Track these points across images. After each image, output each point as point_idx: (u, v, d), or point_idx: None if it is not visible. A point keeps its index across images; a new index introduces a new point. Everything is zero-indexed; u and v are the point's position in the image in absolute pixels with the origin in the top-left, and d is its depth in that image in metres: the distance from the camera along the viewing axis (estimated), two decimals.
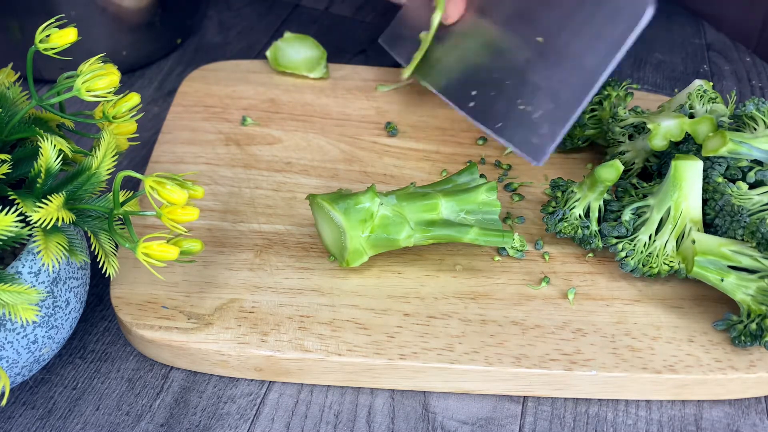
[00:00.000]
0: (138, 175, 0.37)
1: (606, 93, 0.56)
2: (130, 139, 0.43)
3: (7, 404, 0.43)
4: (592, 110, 0.56)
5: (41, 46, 0.38)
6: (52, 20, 0.38)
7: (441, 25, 0.56)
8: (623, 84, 0.56)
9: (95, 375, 0.45)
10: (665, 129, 0.50)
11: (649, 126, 0.51)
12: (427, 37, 0.56)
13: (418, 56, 0.56)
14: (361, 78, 0.63)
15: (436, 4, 0.55)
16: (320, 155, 0.56)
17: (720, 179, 0.47)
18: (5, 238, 0.35)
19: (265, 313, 0.45)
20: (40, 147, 0.37)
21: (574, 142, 0.57)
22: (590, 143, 0.58)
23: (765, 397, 0.46)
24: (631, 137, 0.54)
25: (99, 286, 0.49)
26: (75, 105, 0.61)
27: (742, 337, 0.43)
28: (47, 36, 0.38)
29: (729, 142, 0.46)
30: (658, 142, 0.50)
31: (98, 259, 0.39)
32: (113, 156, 0.39)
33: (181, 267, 0.48)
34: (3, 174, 0.36)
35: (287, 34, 0.64)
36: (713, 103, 0.53)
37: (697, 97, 0.52)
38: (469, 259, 0.49)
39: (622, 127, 0.54)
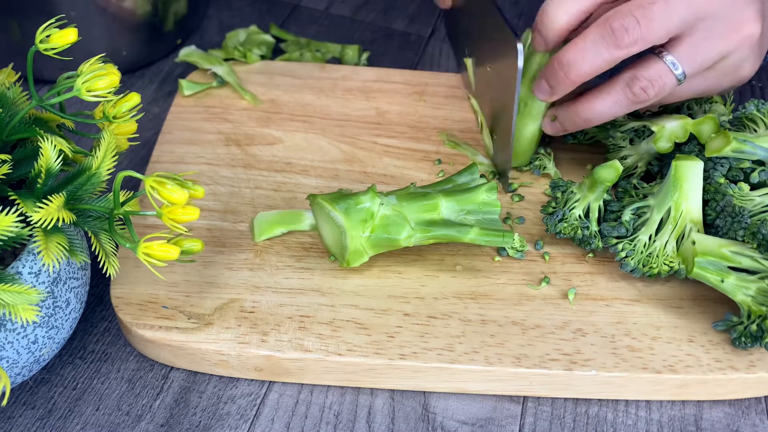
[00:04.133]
0: (138, 175, 0.37)
1: None
2: (130, 139, 0.43)
3: (7, 404, 0.43)
4: None
5: (41, 47, 0.38)
6: (53, 20, 0.38)
7: None
8: None
9: (95, 375, 0.45)
10: (669, 131, 0.50)
11: (653, 128, 0.51)
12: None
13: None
14: (361, 78, 0.63)
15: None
16: (320, 155, 0.56)
17: (722, 180, 0.47)
18: (6, 238, 0.35)
19: (265, 313, 0.45)
20: (41, 147, 0.37)
21: (576, 136, 0.57)
22: (594, 141, 0.58)
23: (765, 397, 0.46)
24: (632, 141, 0.54)
25: (99, 286, 0.49)
26: (75, 105, 0.61)
27: (743, 339, 0.43)
28: (47, 36, 0.38)
29: (733, 141, 0.46)
30: (663, 144, 0.50)
31: (98, 259, 0.39)
32: (113, 156, 0.39)
33: (182, 267, 0.48)
34: (3, 174, 0.36)
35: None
36: (710, 102, 0.53)
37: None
38: (469, 259, 0.49)
39: (622, 132, 0.54)
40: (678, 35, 0.45)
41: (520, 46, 0.46)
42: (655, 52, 0.46)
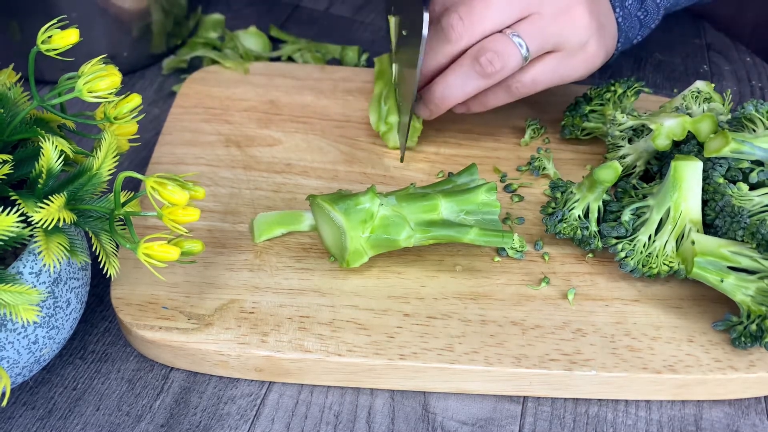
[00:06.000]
0: (139, 176, 0.37)
1: (613, 89, 0.56)
2: (130, 140, 0.43)
3: (8, 404, 0.43)
4: (596, 103, 0.56)
5: (43, 47, 0.38)
6: (54, 21, 0.38)
7: None
8: (634, 85, 0.56)
9: (95, 375, 0.45)
10: (668, 128, 0.50)
11: (651, 126, 0.51)
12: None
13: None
14: (361, 80, 0.63)
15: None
16: (320, 156, 0.56)
17: (721, 180, 0.47)
18: (6, 238, 0.35)
19: (265, 313, 0.45)
20: (42, 148, 0.37)
21: (572, 132, 0.57)
22: (593, 138, 0.58)
23: (765, 397, 0.46)
24: (630, 141, 0.54)
25: (99, 286, 0.49)
26: (76, 106, 0.61)
27: (743, 338, 0.43)
28: (49, 37, 0.38)
29: (732, 142, 0.47)
30: (662, 142, 0.50)
31: (99, 260, 0.39)
32: (114, 157, 0.39)
33: (182, 268, 0.48)
34: (4, 174, 0.37)
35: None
36: (709, 103, 0.53)
37: (692, 98, 0.53)
38: (468, 259, 0.49)
39: (621, 131, 0.54)
40: (517, 20, 0.50)
41: (426, 15, 0.48)
42: (500, 32, 0.50)
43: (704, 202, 0.48)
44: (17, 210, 0.35)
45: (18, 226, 0.35)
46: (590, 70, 0.54)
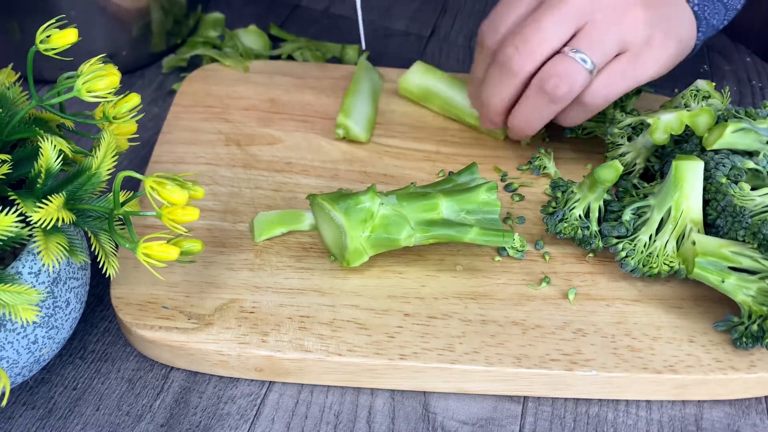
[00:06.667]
0: (138, 176, 0.37)
1: None
2: (130, 140, 0.43)
3: (7, 404, 0.43)
4: None
5: (42, 47, 0.38)
6: (53, 21, 0.38)
7: None
8: None
9: (95, 375, 0.45)
10: (665, 122, 0.50)
11: (649, 121, 0.51)
12: None
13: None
14: None
15: None
16: (320, 155, 0.56)
17: (723, 180, 0.47)
18: (5, 238, 0.35)
19: (266, 313, 0.45)
20: (41, 147, 0.37)
21: (573, 130, 0.57)
22: (593, 137, 0.58)
23: (765, 397, 0.46)
24: (629, 139, 0.54)
25: (99, 286, 0.49)
26: (75, 105, 0.61)
27: (744, 339, 0.43)
28: (48, 36, 0.38)
29: (730, 125, 0.47)
30: (659, 136, 0.50)
31: (98, 260, 0.39)
32: (113, 156, 0.39)
33: (182, 267, 0.48)
34: (3, 174, 0.36)
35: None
36: (708, 100, 0.53)
37: (691, 96, 0.53)
38: (469, 259, 0.49)
39: (620, 129, 0.54)
40: (573, 33, 0.49)
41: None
42: (559, 52, 0.49)
43: (705, 202, 0.48)
44: (16, 210, 0.35)
45: (17, 226, 0.35)
46: (664, 66, 0.51)
